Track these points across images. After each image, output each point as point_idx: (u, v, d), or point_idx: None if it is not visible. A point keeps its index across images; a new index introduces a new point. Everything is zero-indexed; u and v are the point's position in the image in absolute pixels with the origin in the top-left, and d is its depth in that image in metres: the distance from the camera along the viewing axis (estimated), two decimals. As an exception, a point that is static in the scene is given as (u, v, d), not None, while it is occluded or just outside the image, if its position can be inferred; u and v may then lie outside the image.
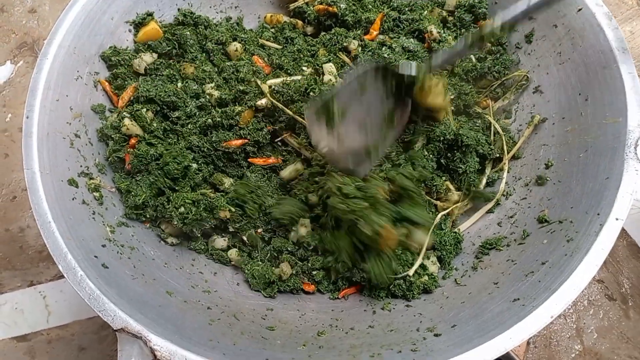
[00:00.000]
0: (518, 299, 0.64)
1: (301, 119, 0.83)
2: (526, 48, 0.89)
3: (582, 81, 0.78)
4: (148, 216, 0.81)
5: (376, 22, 0.93)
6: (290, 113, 0.83)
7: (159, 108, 0.85)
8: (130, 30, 0.91)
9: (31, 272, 0.98)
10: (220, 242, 0.84)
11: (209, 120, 0.83)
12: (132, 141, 0.83)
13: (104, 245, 0.72)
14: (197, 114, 0.85)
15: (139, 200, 0.79)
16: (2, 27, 1.22)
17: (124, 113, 0.84)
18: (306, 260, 0.80)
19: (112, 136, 0.83)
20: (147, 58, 0.90)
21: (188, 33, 0.91)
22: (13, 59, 1.19)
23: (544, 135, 0.84)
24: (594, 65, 0.76)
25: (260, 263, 0.81)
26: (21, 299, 0.95)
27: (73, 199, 0.73)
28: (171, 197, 0.80)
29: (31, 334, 0.93)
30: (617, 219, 0.64)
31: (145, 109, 0.84)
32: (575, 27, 0.80)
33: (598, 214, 0.66)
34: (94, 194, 0.78)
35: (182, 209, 0.78)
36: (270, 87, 0.85)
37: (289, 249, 0.81)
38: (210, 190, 0.83)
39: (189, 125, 0.84)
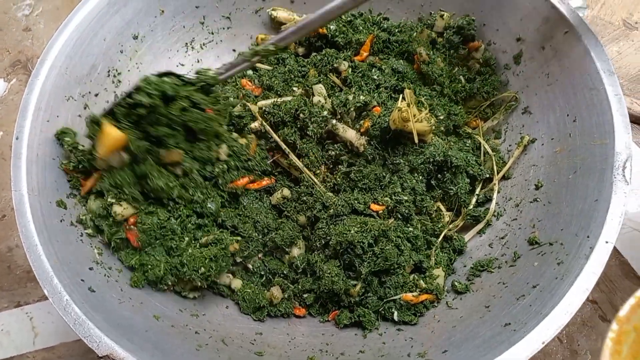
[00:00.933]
0: (509, 323, 0.64)
1: (285, 146, 0.83)
2: (515, 69, 0.90)
3: (570, 102, 0.79)
4: (170, 283, 0.77)
5: (366, 43, 0.94)
6: (277, 138, 0.83)
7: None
8: (121, 52, 0.91)
9: (18, 293, 0.96)
10: (225, 278, 0.81)
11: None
12: (132, 220, 0.77)
13: (91, 268, 0.71)
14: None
15: (159, 271, 0.75)
16: (-4, 46, 1.22)
17: (111, 200, 0.76)
18: (297, 283, 0.80)
19: (105, 223, 0.77)
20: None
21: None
22: (6, 76, 1.19)
23: (534, 155, 0.84)
24: (581, 87, 0.77)
25: (252, 286, 0.80)
26: (8, 320, 0.94)
27: (61, 221, 0.73)
28: (185, 260, 0.75)
29: (17, 356, 0.91)
30: (607, 242, 0.64)
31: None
32: (562, 49, 0.81)
33: (588, 237, 0.66)
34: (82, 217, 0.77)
35: (202, 270, 0.74)
36: (260, 108, 0.86)
37: (285, 271, 0.81)
38: (220, 231, 0.80)
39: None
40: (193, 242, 0.78)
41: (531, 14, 0.85)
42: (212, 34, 1.03)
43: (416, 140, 0.78)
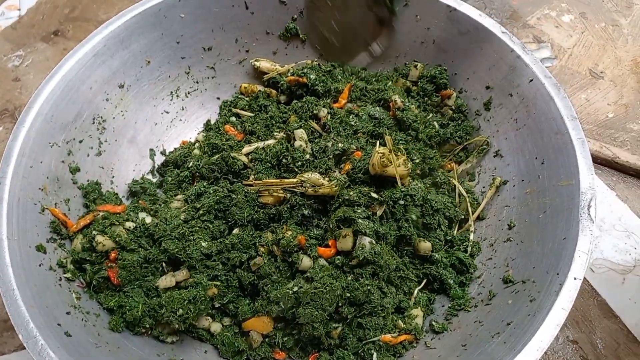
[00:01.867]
0: (484, 361, 0.64)
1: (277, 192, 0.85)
2: (485, 115, 0.94)
3: (538, 146, 0.83)
4: (148, 325, 0.76)
5: (344, 91, 0.98)
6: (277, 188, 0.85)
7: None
8: (107, 100, 0.94)
9: (-6, 342, 0.95)
10: (204, 322, 0.80)
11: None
12: (113, 255, 0.79)
13: (68, 313, 0.71)
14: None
15: (137, 312, 0.75)
16: (-15, 95, 1.25)
17: (94, 232, 0.80)
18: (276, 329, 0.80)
19: (87, 259, 0.79)
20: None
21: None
22: (-7, 125, 1.21)
23: (506, 196, 0.87)
24: (548, 131, 0.81)
25: (232, 329, 0.80)
26: (-18, 370, 0.91)
27: (40, 265, 0.73)
28: (164, 302, 0.75)
29: (-10, 408, 0.88)
30: (575, 278, 0.66)
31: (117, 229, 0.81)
32: (528, 96, 0.86)
33: (557, 274, 0.68)
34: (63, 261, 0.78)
35: (180, 311, 0.74)
36: (247, 155, 0.88)
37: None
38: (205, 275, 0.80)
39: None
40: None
41: (498, 63, 0.90)
42: (197, 82, 1.07)
43: (399, 183, 0.81)
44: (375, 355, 0.75)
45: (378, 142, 0.83)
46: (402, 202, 0.80)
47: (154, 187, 0.97)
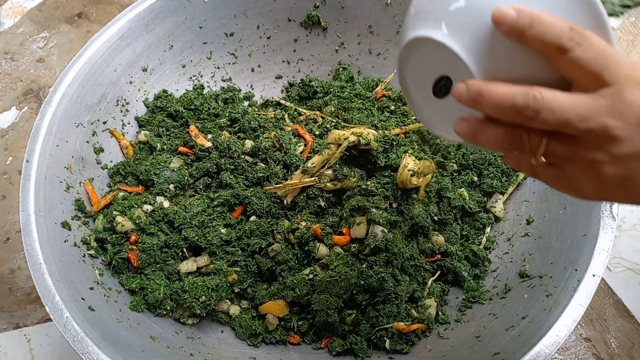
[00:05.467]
0: (498, 352, 0.65)
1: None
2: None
3: (561, 140, 0.82)
4: (169, 308, 0.78)
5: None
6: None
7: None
8: (131, 82, 0.95)
9: (18, 315, 0.97)
10: (223, 305, 0.82)
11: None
12: (133, 237, 0.80)
13: (91, 288, 0.73)
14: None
15: (159, 294, 0.76)
16: (11, 75, 1.27)
17: (115, 212, 0.81)
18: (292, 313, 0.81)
19: (108, 239, 0.81)
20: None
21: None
22: (18, 104, 1.23)
23: (526, 192, 0.87)
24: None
25: (248, 312, 0.82)
26: (6, 341, 0.94)
27: (65, 241, 0.75)
28: (187, 287, 0.76)
29: (12, 378, 0.91)
30: (594, 275, 0.66)
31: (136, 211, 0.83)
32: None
33: (576, 270, 0.68)
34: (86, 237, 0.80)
35: (203, 298, 0.76)
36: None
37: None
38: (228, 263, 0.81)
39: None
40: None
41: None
42: (218, 68, 1.08)
43: (422, 191, 0.82)
44: (388, 342, 0.76)
45: (406, 154, 0.82)
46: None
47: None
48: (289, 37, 1.07)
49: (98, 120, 0.90)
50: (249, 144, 0.89)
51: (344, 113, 0.96)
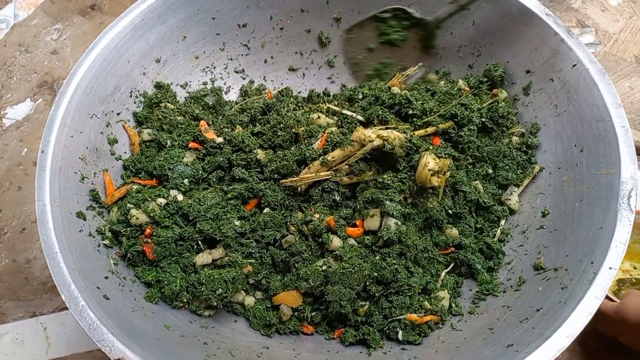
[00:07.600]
0: (512, 344, 0.64)
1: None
2: (524, 100, 0.92)
3: (578, 133, 0.81)
4: (185, 300, 0.78)
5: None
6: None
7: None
8: (144, 74, 0.95)
9: (34, 303, 0.99)
10: (238, 296, 0.82)
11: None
12: (148, 231, 0.80)
13: (106, 277, 0.73)
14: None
15: (175, 287, 0.77)
16: (25, 67, 1.28)
17: (129, 205, 0.82)
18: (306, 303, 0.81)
19: (122, 232, 0.81)
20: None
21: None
22: (33, 96, 1.25)
23: (541, 184, 0.86)
24: (589, 118, 0.79)
25: (263, 302, 0.82)
26: (23, 329, 0.96)
27: (80, 231, 0.76)
28: (203, 280, 0.76)
29: (29, 366, 0.93)
30: (610, 268, 0.65)
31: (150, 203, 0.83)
32: (570, 81, 0.83)
33: (592, 263, 0.67)
34: (101, 227, 0.80)
35: (220, 290, 0.76)
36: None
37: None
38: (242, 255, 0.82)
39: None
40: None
41: (540, 47, 0.88)
42: (231, 59, 1.07)
43: (441, 193, 0.82)
44: (400, 333, 0.76)
45: (426, 152, 0.81)
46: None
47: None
48: (302, 28, 1.07)
49: (112, 111, 0.90)
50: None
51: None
